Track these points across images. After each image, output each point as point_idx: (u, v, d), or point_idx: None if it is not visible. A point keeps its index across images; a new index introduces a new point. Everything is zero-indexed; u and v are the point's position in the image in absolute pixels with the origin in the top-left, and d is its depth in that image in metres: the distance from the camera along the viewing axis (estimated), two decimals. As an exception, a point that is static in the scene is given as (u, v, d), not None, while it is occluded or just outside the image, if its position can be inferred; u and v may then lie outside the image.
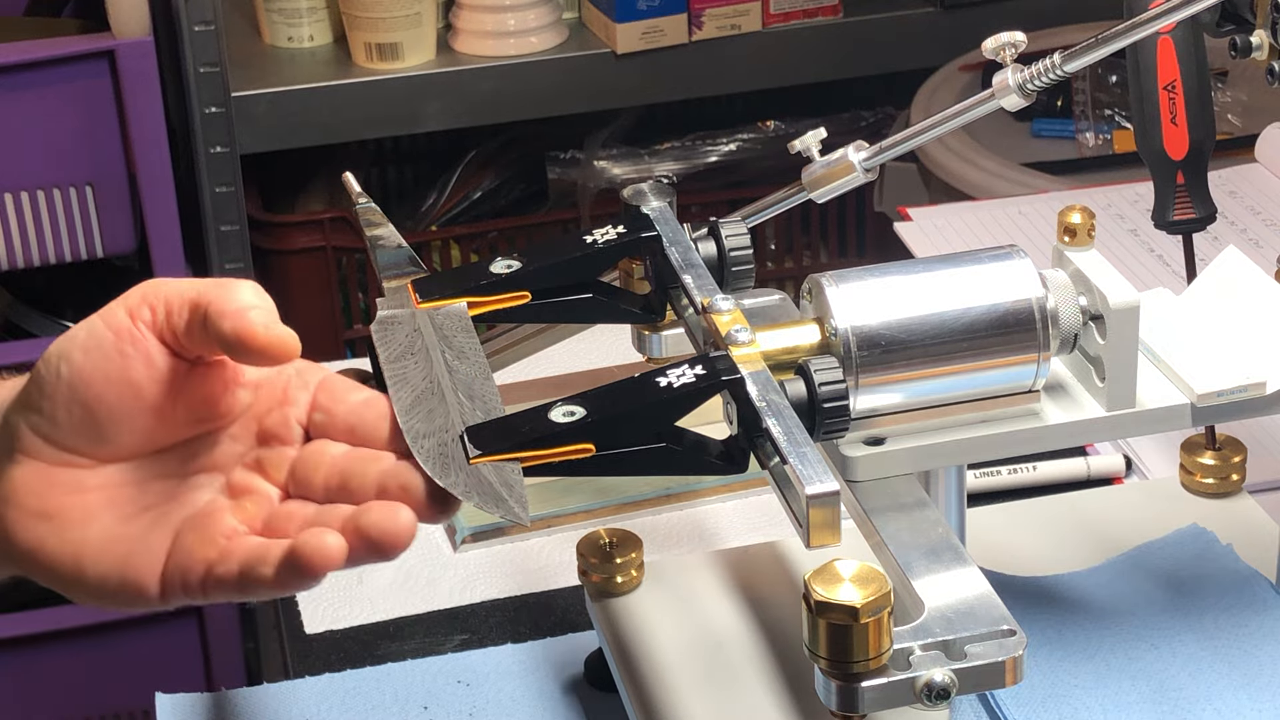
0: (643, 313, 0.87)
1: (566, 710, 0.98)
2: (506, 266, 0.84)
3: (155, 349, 0.73)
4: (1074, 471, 1.16)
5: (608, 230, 0.85)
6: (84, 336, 0.73)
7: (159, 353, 0.73)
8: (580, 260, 0.85)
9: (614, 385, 0.74)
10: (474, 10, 2.09)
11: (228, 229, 2.02)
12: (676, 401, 0.73)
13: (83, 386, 0.73)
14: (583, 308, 0.85)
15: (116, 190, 1.97)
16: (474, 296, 0.82)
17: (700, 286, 0.82)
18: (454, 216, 2.27)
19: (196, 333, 0.72)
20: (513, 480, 0.70)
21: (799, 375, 0.76)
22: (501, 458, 0.71)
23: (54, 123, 1.92)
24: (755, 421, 0.73)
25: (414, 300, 0.81)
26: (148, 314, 0.73)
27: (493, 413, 0.74)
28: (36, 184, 1.95)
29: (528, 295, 0.83)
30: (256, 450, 0.74)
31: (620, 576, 0.95)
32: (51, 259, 2.00)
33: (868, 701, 0.69)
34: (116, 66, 1.90)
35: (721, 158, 2.29)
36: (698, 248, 0.85)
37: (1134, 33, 0.82)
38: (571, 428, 0.71)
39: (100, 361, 0.73)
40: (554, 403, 0.72)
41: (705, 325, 0.80)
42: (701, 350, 0.81)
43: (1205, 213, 0.99)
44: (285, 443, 0.74)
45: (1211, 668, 0.90)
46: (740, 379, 0.74)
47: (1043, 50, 0.84)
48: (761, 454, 0.73)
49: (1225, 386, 0.84)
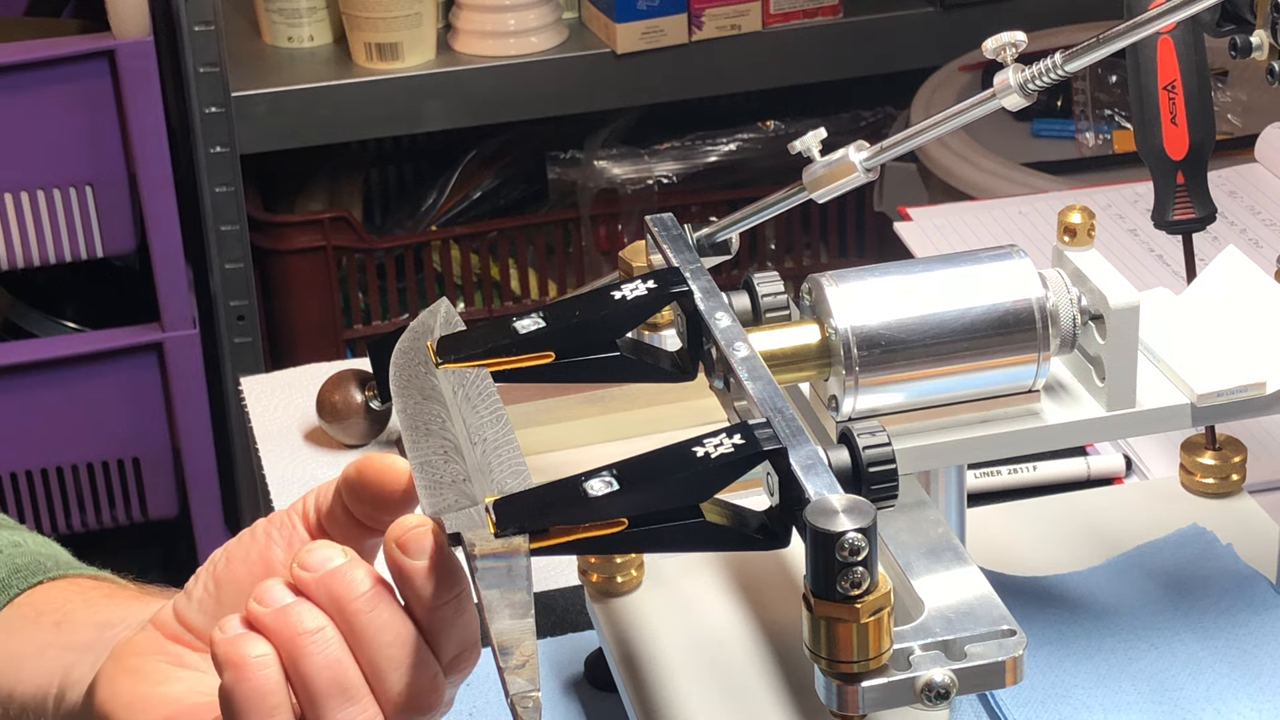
0: (673, 371, 0.84)
1: (566, 710, 0.98)
2: (530, 325, 0.80)
3: (300, 537, 0.75)
4: (1074, 471, 1.16)
5: (636, 285, 0.82)
6: (247, 530, 0.76)
7: (301, 542, 0.75)
8: (606, 319, 0.81)
9: (648, 455, 0.70)
10: (474, 10, 2.09)
11: (228, 229, 2.02)
12: (714, 473, 0.69)
13: (224, 564, 0.75)
14: (609, 367, 0.81)
15: (116, 190, 1.97)
16: (496, 358, 0.78)
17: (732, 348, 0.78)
18: (454, 216, 2.27)
19: (337, 506, 0.74)
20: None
21: (842, 442, 0.73)
22: (542, 544, 0.67)
23: (54, 123, 1.93)
24: (799, 493, 0.69)
25: (433, 360, 0.78)
26: (300, 505, 0.75)
27: (515, 483, 0.70)
28: (36, 184, 1.95)
29: (551, 355, 0.80)
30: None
31: (620, 576, 0.95)
32: (51, 259, 2.00)
33: (868, 701, 0.69)
34: (116, 66, 1.90)
35: (721, 158, 2.29)
36: (731, 304, 0.83)
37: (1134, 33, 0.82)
38: (604, 503, 0.68)
39: (248, 542, 0.75)
40: (586, 475, 0.69)
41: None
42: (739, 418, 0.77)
43: (1205, 213, 0.99)
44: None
45: (1211, 668, 0.90)
46: (782, 449, 0.70)
47: (1043, 50, 0.84)
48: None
49: (1225, 386, 0.84)
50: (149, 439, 2.09)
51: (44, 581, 0.85)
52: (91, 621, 0.81)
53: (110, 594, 0.84)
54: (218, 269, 2.04)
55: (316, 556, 0.70)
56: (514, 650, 0.65)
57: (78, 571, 0.87)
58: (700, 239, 0.91)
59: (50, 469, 2.08)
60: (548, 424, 1.16)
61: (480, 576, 0.66)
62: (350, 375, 1.21)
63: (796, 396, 0.87)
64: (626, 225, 2.25)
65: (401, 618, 0.69)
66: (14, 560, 0.86)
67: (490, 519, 0.67)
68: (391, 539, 0.69)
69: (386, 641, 0.69)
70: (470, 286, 2.23)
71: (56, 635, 0.81)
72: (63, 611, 0.82)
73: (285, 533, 0.75)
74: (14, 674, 0.81)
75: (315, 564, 0.70)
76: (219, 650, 0.69)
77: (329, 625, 0.69)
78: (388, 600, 0.70)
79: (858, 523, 0.65)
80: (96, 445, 2.08)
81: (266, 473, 1.22)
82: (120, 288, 2.23)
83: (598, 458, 0.70)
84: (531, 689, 0.64)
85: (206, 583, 0.75)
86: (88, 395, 2.04)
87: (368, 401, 1.20)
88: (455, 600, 0.70)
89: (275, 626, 0.69)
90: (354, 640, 0.69)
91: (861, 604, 0.66)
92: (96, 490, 2.11)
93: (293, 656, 0.69)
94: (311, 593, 0.69)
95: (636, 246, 0.96)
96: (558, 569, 1.08)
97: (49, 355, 2.02)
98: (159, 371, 2.05)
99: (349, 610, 0.69)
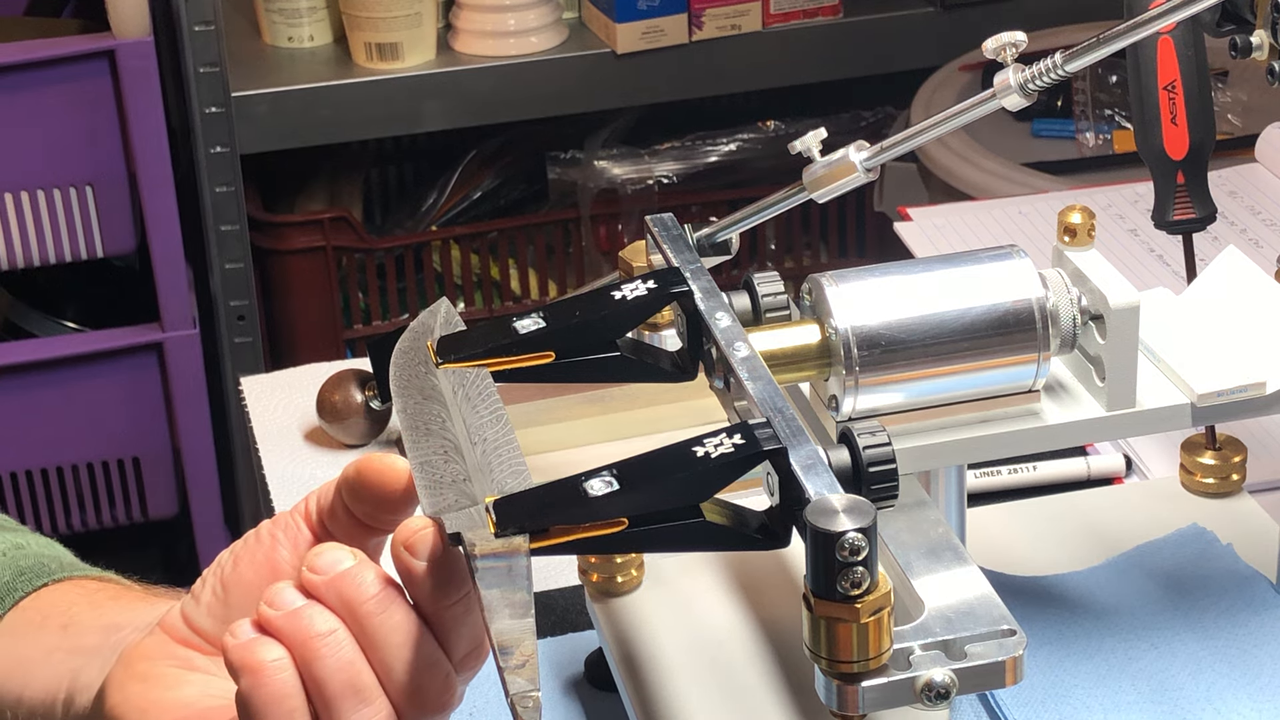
0: (673, 371, 0.84)
1: (566, 710, 0.98)
2: (530, 325, 0.80)
3: (305, 537, 0.75)
4: (1074, 471, 1.16)
5: (636, 285, 0.82)
6: (251, 533, 0.76)
7: (306, 542, 0.75)
8: (607, 319, 0.81)
9: (648, 455, 0.70)
10: (474, 10, 2.09)
11: (228, 229, 2.02)
12: (714, 473, 0.69)
13: (231, 565, 0.75)
14: (609, 367, 0.81)
15: (116, 190, 1.97)
16: (496, 358, 0.78)
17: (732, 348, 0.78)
18: (454, 216, 2.27)
19: (339, 505, 0.74)
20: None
21: (843, 442, 0.73)
22: (542, 544, 0.67)
23: (54, 123, 1.93)
24: (799, 493, 0.69)
25: (433, 360, 0.78)
26: (303, 506, 0.76)
27: (515, 482, 0.70)
28: (36, 184, 1.95)
29: (551, 355, 0.80)
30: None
31: (620, 576, 0.95)
32: (51, 259, 2.00)
33: (868, 701, 0.69)
34: (116, 66, 1.90)
35: (721, 158, 2.29)
36: (731, 304, 0.83)
37: (1134, 33, 0.82)
38: (604, 503, 0.68)
39: (253, 545, 0.75)
40: (586, 475, 0.69)
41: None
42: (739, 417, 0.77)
43: (1205, 213, 0.99)
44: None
45: (1211, 668, 0.90)
46: (783, 449, 0.70)
47: (1043, 50, 0.84)
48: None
49: (1225, 386, 0.84)
50: (149, 439, 2.09)
51: (49, 584, 0.85)
52: (98, 624, 0.81)
53: (116, 595, 0.84)
54: (218, 269, 2.04)
55: (326, 559, 0.70)
56: (514, 650, 0.65)
57: (82, 573, 0.87)
58: (700, 239, 0.91)
59: (50, 469, 2.08)
60: (548, 424, 1.16)
61: (480, 576, 0.66)
62: (350, 375, 1.21)
63: (796, 396, 0.87)
64: (626, 225, 2.25)
65: (412, 618, 0.70)
66: (18, 563, 0.86)
67: (490, 519, 0.67)
68: (399, 541, 0.69)
69: (398, 642, 0.69)
70: (470, 286, 2.23)
71: (63, 639, 0.81)
72: (68, 614, 0.83)
73: (290, 534, 0.75)
74: (22, 678, 0.81)
75: (325, 567, 0.70)
76: (233, 656, 0.69)
77: (341, 628, 0.69)
78: (398, 601, 0.70)
79: (858, 523, 0.65)
80: (96, 445, 2.08)
81: (266, 473, 1.22)
82: (120, 288, 2.23)
83: (598, 458, 0.70)
84: (531, 689, 0.64)
85: (214, 586, 0.75)
86: (88, 395, 2.04)
87: (368, 401, 1.20)
88: (464, 599, 0.70)
89: (288, 630, 0.69)
90: (366, 642, 0.69)
91: (861, 604, 0.66)
92: (96, 490, 2.11)
93: (306, 659, 0.69)
94: (322, 595, 0.70)
95: (636, 246, 0.96)
96: (558, 569, 1.08)
97: (49, 355, 2.02)
98: (159, 371, 2.05)
99: (360, 612, 0.69)
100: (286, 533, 0.75)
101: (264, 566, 0.74)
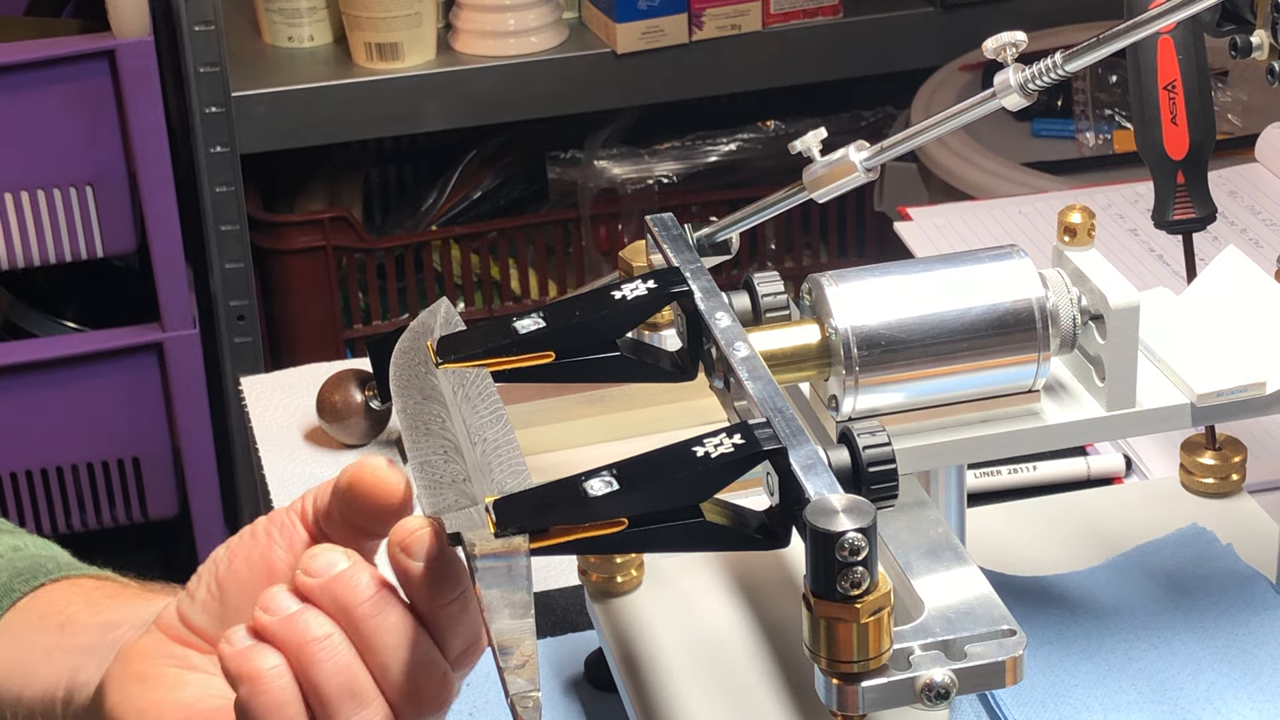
0: (673, 371, 0.84)
1: (566, 710, 0.98)
2: (530, 325, 0.80)
3: (300, 537, 0.75)
4: (1074, 471, 1.16)
5: (636, 285, 0.82)
6: (247, 529, 0.76)
7: (302, 542, 0.75)
8: (607, 319, 0.81)
9: (648, 455, 0.70)
10: (474, 10, 2.09)
11: (228, 229, 2.02)
12: (714, 473, 0.69)
13: (226, 563, 0.75)
14: (609, 367, 0.81)
15: (116, 190, 1.97)
16: (496, 357, 0.78)
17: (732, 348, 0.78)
18: (454, 216, 2.27)
19: (334, 510, 0.74)
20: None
21: (842, 442, 0.73)
22: (542, 544, 0.67)
23: (54, 123, 1.93)
24: (799, 493, 0.69)
25: (433, 360, 0.78)
26: (299, 504, 0.75)
27: (515, 482, 0.70)
28: (36, 184, 1.95)
29: (551, 355, 0.80)
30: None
31: (620, 576, 0.95)
32: (51, 259, 2.00)
33: (868, 701, 0.69)
34: (116, 66, 1.90)
35: (721, 158, 2.29)
36: (731, 304, 0.83)
37: (1134, 33, 0.82)
38: (604, 503, 0.68)
39: (249, 542, 0.75)
40: (586, 475, 0.69)
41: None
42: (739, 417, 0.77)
43: (1205, 213, 0.99)
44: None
45: (1211, 668, 0.90)
46: (782, 449, 0.70)
47: (1043, 50, 0.84)
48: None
49: (1225, 386, 0.84)
50: (149, 439, 2.09)
51: (46, 584, 0.85)
52: (95, 623, 0.81)
53: (112, 594, 0.84)
54: (218, 269, 2.04)
55: (320, 562, 0.70)
56: (514, 650, 0.65)
57: (79, 572, 0.87)
58: (700, 239, 0.91)
59: (50, 469, 2.08)
60: (548, 424, 1.16)
61: (480, 576, 0.66)
62: (350, 375, 1.21)
63: (796, 396, 0.87)
64: (626, 225, 2.25)
65: (408, 619, 0.70)
66: (15, 564, 0.86)
67: (490, 519, 0.67)
68: (394, 542, 0.69)
69: (394, 644, 0.69)
70: (470, 286, 2.23)
71: (61, 638, 0.81)
72: (66, 614, 0.83)
73: (285, 533, 0.75)
74: (22, 678, 0.81)
75: (319, 569, 0.70)
76: (230, 664, 0.69)
77: (336, 631, 0.69)
78: (393, 602, 0.70)
79: (858, 523, 0.65)
80: (96, 445, 2.08)
81: (266, 473, 1.22)
82: (120, 288, 2.23)
83: (598, 458, 0.70)
84: (531, 689, 0.64)
85: (209, 584, 0.75)
86: (88, 395, 2.04)
87: (368, 401, 1.20)
88: (460, 598, 0.70)
89: (283, 635, 0.69)
90: (362, 644, 0.69)
91: (861, 604, 0.66)
92: (96, 490, 2.11)
93: (302, 664, 0.69)
94: (317, 599, 0.69)
95: (636, 246, 0.96)
96: (558, 569, 1.08)
97: (49, 355, 2.02)
98: (159, 371, 2.05)
99: (355, 615, 0.69)
100: (282, 532, 0.75)
101: (260, 566, 0.74)
